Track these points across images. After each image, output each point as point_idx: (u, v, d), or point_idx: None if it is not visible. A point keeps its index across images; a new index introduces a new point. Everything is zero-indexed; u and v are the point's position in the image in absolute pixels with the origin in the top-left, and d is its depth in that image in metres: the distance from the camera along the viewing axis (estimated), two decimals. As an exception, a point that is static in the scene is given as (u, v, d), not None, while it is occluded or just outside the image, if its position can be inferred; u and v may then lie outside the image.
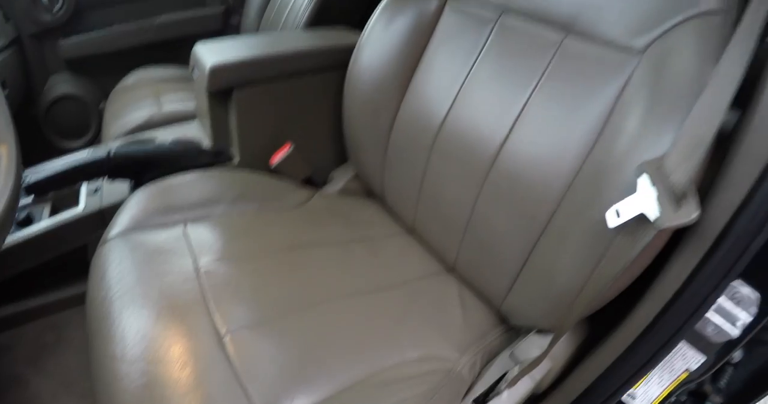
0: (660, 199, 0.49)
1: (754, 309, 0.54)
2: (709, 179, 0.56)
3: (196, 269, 0.72)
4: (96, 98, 1.90)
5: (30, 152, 1.75)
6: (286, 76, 1.04)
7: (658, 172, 0.52)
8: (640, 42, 0.63)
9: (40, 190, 0.99)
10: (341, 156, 1.11)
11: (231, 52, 1.02)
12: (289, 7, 1.57)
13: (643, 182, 0.51)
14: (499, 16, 0.79)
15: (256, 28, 1.76)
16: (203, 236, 0.80)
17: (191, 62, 1.07)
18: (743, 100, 0.54)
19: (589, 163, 0.64)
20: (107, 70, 1.91)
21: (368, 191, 1.07)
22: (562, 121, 0.68)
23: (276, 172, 1.05)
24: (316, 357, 0.63)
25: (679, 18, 0.60)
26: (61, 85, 1.84)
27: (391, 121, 0.92)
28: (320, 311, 0.70)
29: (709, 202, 0.55)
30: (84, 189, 1.06)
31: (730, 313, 0.55)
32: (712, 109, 0.51)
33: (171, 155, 1.01)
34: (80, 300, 0.86)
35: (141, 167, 1.00)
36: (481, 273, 0.79)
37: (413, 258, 0.89)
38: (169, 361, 0.58)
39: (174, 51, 1.98)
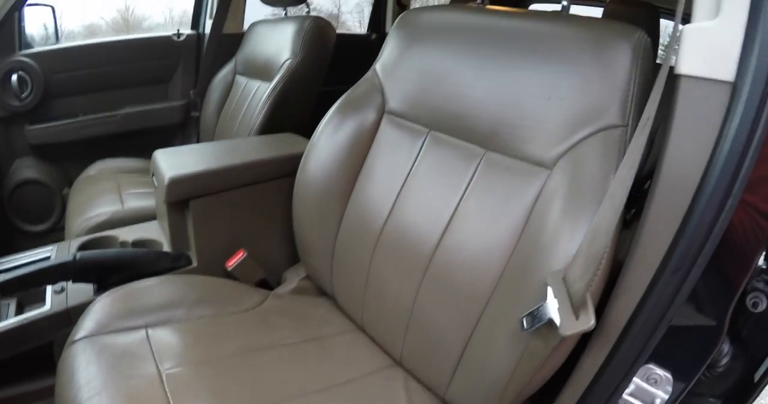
0: (561, 309, 0.55)
1: (669, 388, 0.61)
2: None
3: (159, 373, 0.78)
4: (60, 184, 1.95)
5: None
6: (239, 185, 1.14)
7: (561, 283, 0.58)
8: (551, 156, 0.73)
9: (5, 290, 1.04)
10: (293, 256, 1.18)
11: (188, 164, 1.11)
12: (245, 107, 1.71)
13: (550, 292, 0.58)
14: (429, 131, 0.91)
15: (215, 124, 1.89)
16: (165, 340, 0.86)
17: (151, 168, 1.17)
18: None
19: (510, 266, 0.73)
20: (72, 157, 1.98)
21: (320, 290, 1.13)
22: (487, 225, 0.78)
23: (232, 275, 1.14)
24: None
25: (585, 133, 0.70)
26: (26, 169, 1.90)
27: (337, 225, 1.02)
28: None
29: (611, 305, 0.63)
30: (49, 288, 1.11)
31: (648, 393, 0.62)
32: (605, 226, 0.57)
33: (134, 261, 1.08)
34: (44, 393, 0.91)
35: (105, 272, 1.06)
36: (425, 366, 0.86)
37: (362, 354, 0.96)
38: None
39: (137, 141, 2.07)
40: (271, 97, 1.54)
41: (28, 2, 1.81)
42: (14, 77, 1.77)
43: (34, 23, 2.02)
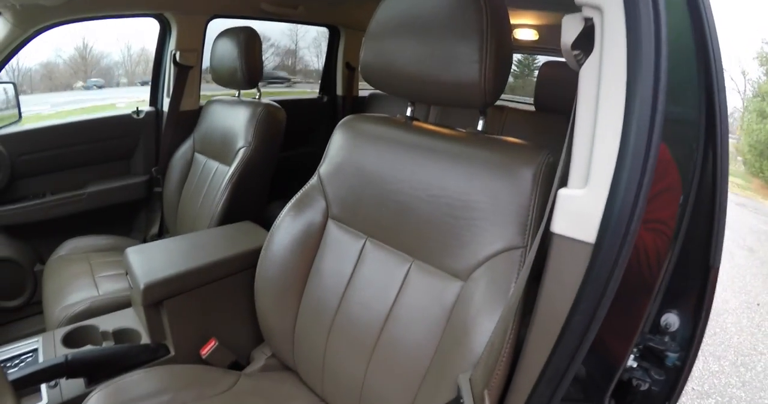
0: None
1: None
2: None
3: None
4: (31, 261, 2.03)
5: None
6: (207, 283, 1.29)
7: (468, 383, 0.72)
8: (464, 269, 0.87)
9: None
10: (259, 336, 1.30)
11: (159, 267, 1.25)
12: (206, 188, 1.87)
13: (460, 391, 0.73)
14: (367, 238, 1.07)
15: (178, 199, 2.03)
16: None
17: (125, 266, 1.30)
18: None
19: (435, 360, 0.89)
20: (42, 235, 2.06)
21: (284, 365, 1.27)
22: (417, 324, 0.93)
23: (206, 361, 1.28)
24: None
25: (492, 251, 0.83)
26: (-3, 248, 1.97)
27: (295, 313, 1.17)
28: None
29: (508, 400, 0.74)
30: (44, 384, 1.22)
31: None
32: (498, 342, 0.70)
33: (119, 356, 1.22)
34: None
35: (94, 368, 1.19)
36: None
37: None
38: None
39: (104, 218, 2.18)
40: (230, 184, 1.70)
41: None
42: None
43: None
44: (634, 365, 0.70)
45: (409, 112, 1.13)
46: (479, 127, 1.02)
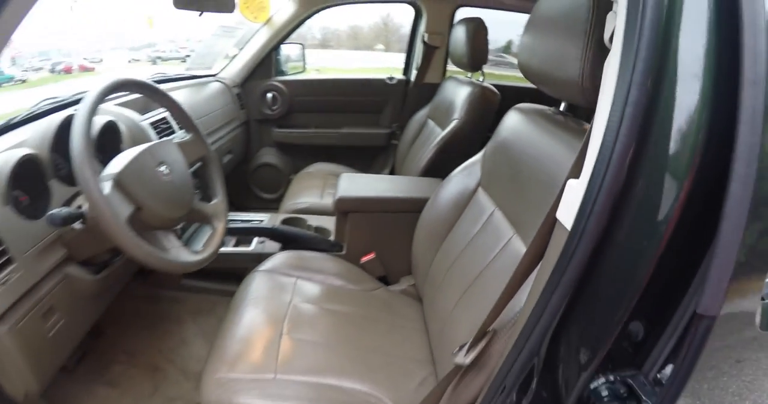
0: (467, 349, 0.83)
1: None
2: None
3: (290, 304, 1.29)
4: (288, 170, 2.72)
5: (238, 196, 2.83)
6: (383, 211, 1.64)
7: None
8: None
9: (233, 233, 1.74)
10: (409, 267, 1.58)
11: (355, 189, 1.65)
12: (424, 146, 2.17)
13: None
14: (494, 209, 1.19)
15: (406, 154, 2.40)
16: (303, 289, 1.37)
17: (337, 185, 1.72)
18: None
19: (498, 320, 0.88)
20: (300, 154, 2.72)
21: (418, 296, 1.49)
22: (494, 294, 0.95)
23: (363, 267, 1.64)
24: (331, 370, 1.11)
25: None
26: (267, 156, 2.72)
27: (434, 255, 1.38)
28: (339, 350, 1.17)
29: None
30: (256, 238, 1.78)
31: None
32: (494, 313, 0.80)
33: (307, 240, 1.69)
34: (230, 294, 1.42)
35: (289, 240, 1.69)
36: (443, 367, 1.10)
37: (414, 344, 1.27)
38: (255, 338, 1.15)
39: (348, 154, 2.74)
40: (436, 146, 1.99)
41: (283, 42, 2.58)
42: (269, 95, 2.60)
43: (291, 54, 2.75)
44: (605, 393, 0.59)
45: (562, 107, 1.15)
46: None
